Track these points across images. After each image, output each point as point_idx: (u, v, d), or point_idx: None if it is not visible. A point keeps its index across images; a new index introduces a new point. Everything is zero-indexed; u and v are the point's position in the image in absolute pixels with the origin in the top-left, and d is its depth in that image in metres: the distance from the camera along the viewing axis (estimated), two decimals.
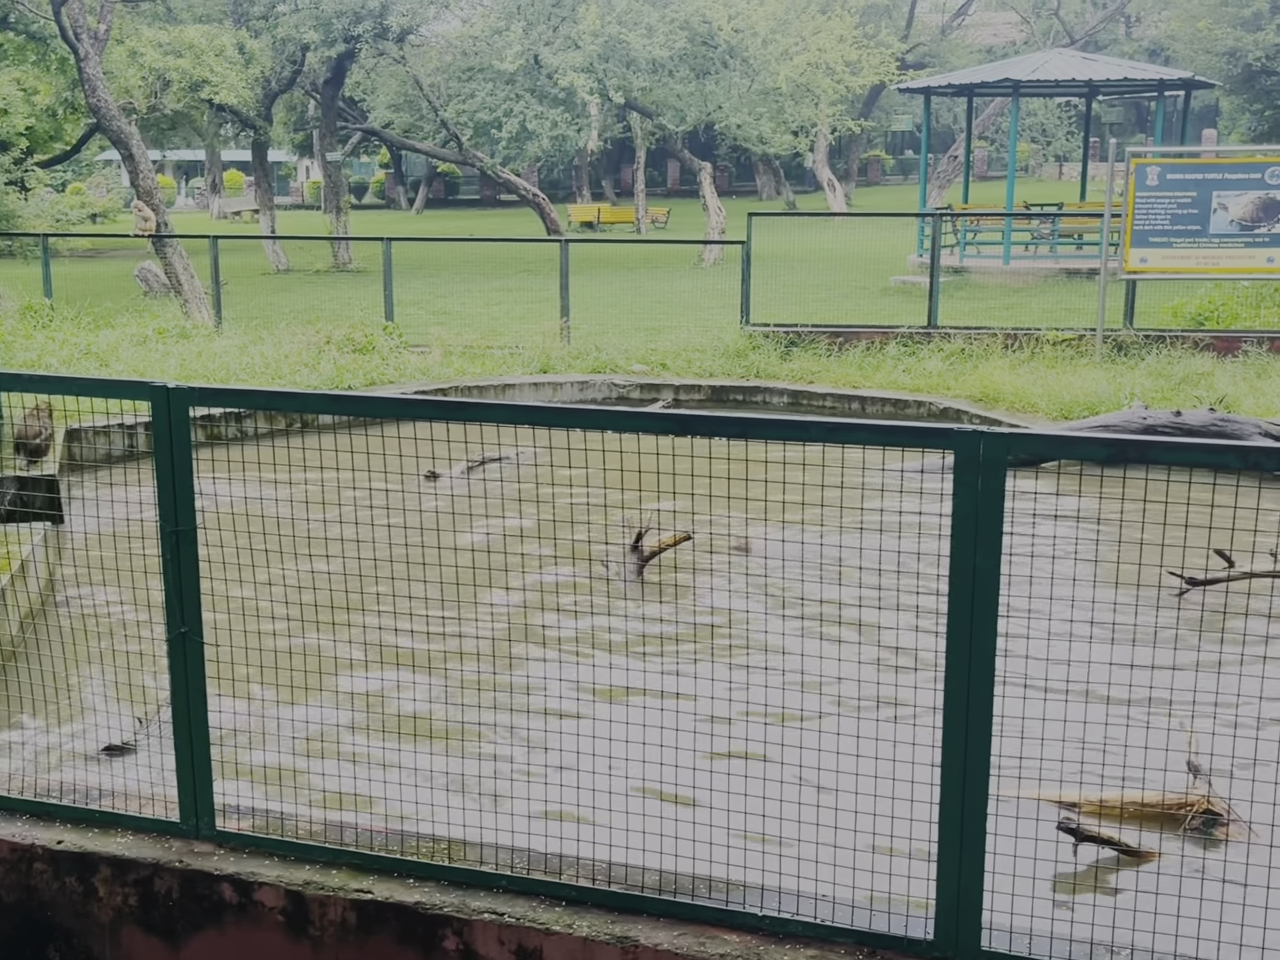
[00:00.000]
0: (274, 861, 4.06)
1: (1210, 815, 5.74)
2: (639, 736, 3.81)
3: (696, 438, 3.50)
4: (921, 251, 25.25)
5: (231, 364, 14.65)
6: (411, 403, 3.69)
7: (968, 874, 3.47)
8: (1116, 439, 3.11)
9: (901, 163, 66.92)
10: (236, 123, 36.60)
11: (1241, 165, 15.01)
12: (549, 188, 53.35)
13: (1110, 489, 3.16)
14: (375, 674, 4.35)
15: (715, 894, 3.76)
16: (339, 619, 4.00)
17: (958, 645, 3.35)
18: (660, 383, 15.38)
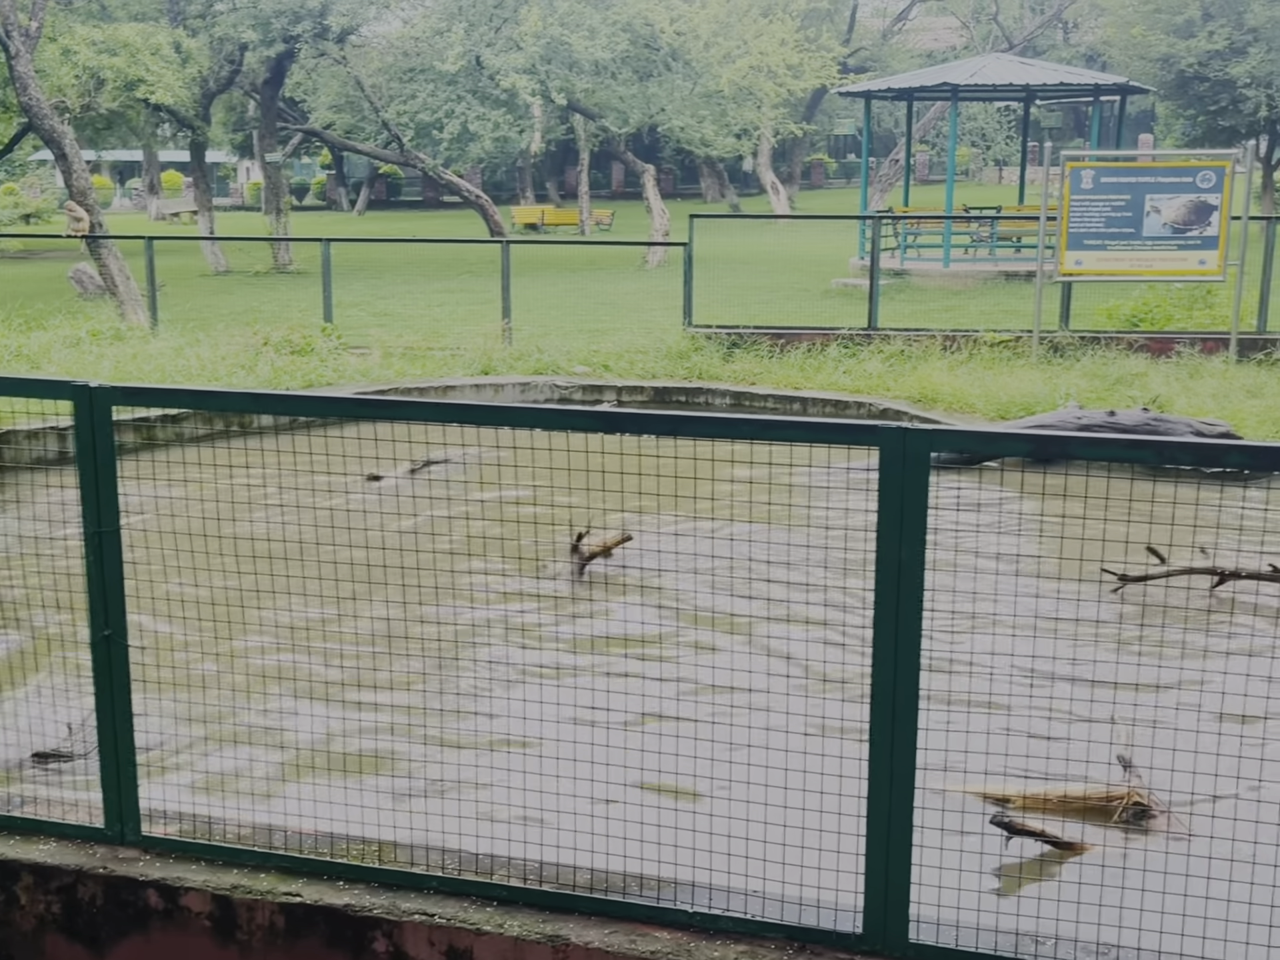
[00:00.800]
0: (201, 866, 4.01)
1: (1139, 807, 5.83)
2: (570, 736, 3.81)
3: (625, 435, 3.50)
4: (863, 254, 25.43)
5: (167, 366, 14.47)
6: (337, 401, 3.66)
7: (895, 868, 3.49)
8: (1037, 435, 3.15)
9: (844, 166, 67.37)
10: (174, 123, 36.17)
11: (1173, 169, 15.24)
12: (492, 189, 53.19)
13: (1052, 487, 3.20)
14: (304, 675, 4.31)
15: (646, 891, 3.76)
16: (266, 621, 3.96)
17: (884, 637, 3.37)
18: (603, 384, 15.37)
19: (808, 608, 3.60)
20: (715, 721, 3.71)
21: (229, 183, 69.12)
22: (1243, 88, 29.30)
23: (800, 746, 3.64)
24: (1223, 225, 14.84)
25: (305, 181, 65.85)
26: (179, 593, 4.10)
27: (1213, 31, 29.64)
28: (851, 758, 3.50)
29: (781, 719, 3.62)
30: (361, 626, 4.58)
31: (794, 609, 3.64)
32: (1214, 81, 29.80)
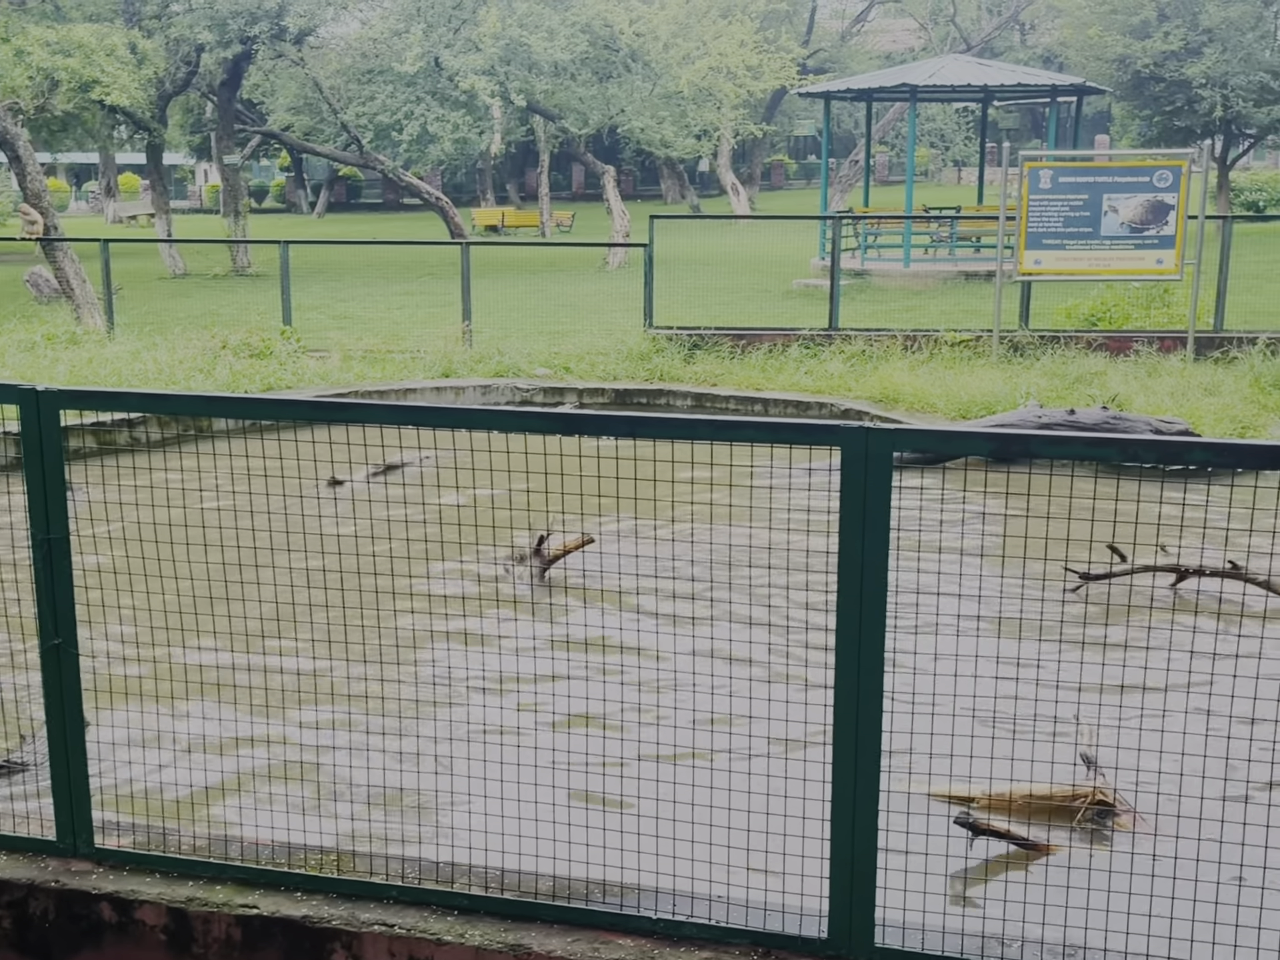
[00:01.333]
0: (155, 879, 3.93)
1: (1103, 806, 5.84)
2: (531, 742, 3.76)
3: (584, 437, 3.45)
4: (823, 254, 25.49)
5: (124, 370, 14.30)
6: (291, 404, 3.59)
7: (860, 872, 3.47)
8: (998, 433, 3.12)
9: (804, 167, 67.59)
10: (130, 125, 35.78)
11: (1131, 169, 15.34)
12: (453, 191, 52.97)
13: (1015, 487, 3.18)
14: (260, 683, 4.24)
15: (609, 898, 3.71)
16: (220, 629, 3.89)
17: (847, 639, 3.34)
18: (564, 386, 15.32)
19: (770, 610, 3.56)
20: (676, 726, 3.67)
21: (187, 185, 68.54)
22: (1198, 88, 29.58)
23: (763, 750, 3.60)
24: (1179, 224, 14.96)
25: (264, 184, 65.39)
26: (130, 600, 4.02)
27: (1168, 32, 29.91)
28: (815, 760, 3.47)
29: (744, 723, 3.59)
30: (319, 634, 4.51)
31: (756, 611, 3.60)
32: (1169, 82, 30.07)
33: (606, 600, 6.51)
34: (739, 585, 3.65)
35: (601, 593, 4.84)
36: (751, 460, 3.62)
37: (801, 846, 3.53)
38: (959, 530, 3.88)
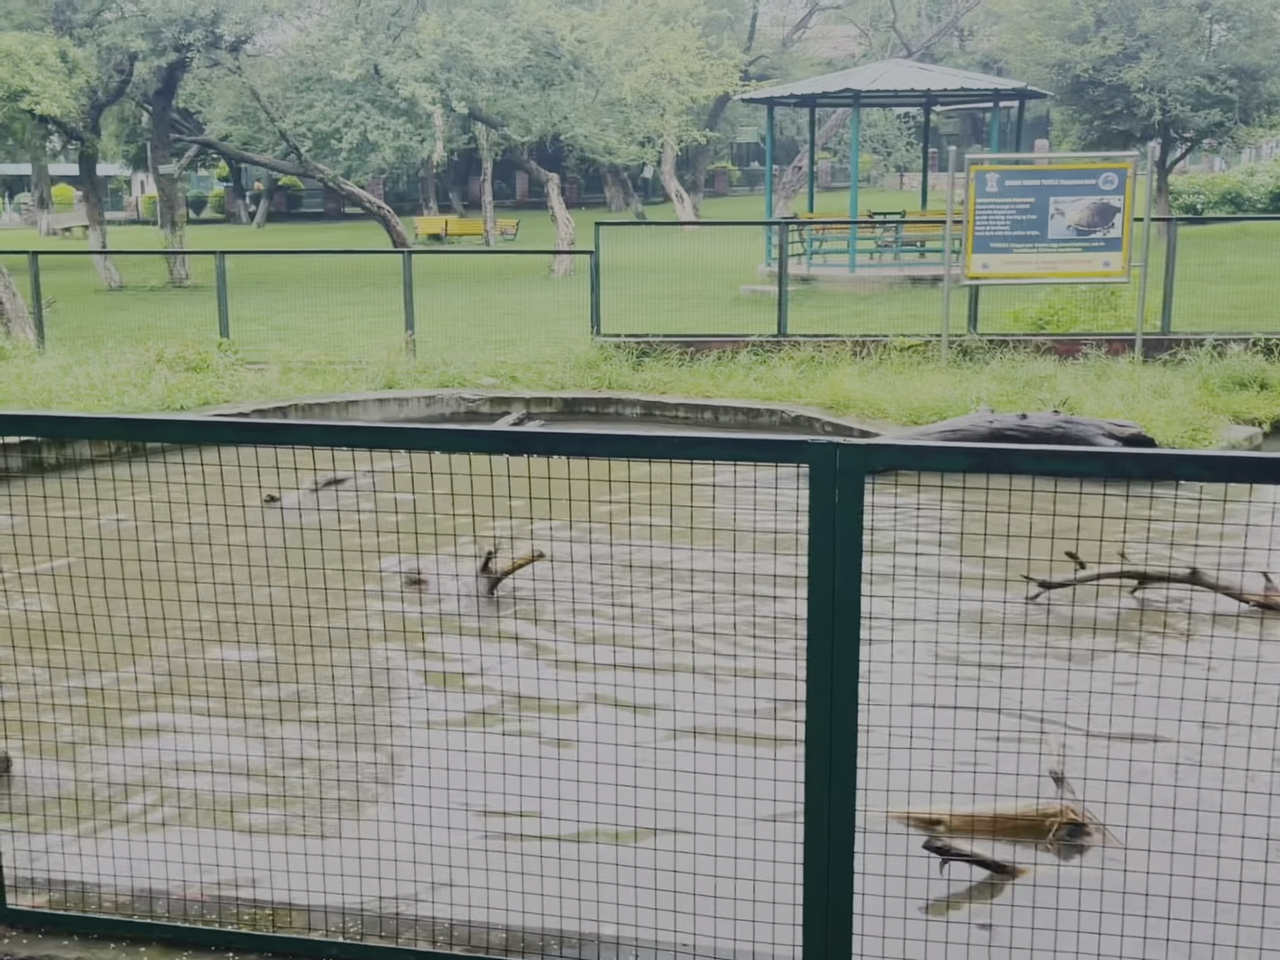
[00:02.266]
0: (73, 942, 3.63)
1: (1074, 825, 5.66)
2: (480, 781, 3.50)
3: (533, 456, 3.21)
4: (770, 261, 25.38)
5: (54, 386, 13.86)
6: (211, 425, 3.31)
7: (835, 916, 3.23)
8: (980, 448, 2.91)
9: (747, 174, 67.65)
10: (63, 135, 35.08)
11: (1077, 171, 15.30)
12: (395, 200, 52.47)
13: (970, 496, 2.97)
14: (186, 719, 3.95)
15: (568, 952, 3.46)
16: (146, 662, 3.60)
17: (818, 669, 3.11)
18: (511, 396, 15.04)
19: (735, 628, 3.32)
20: (637, 765, 3.42)
21: (123, 196, 67.48)
22: (1136, 92, 29.77)
23: (730, 788, 3.37)
24: (1126, 227, 14.93)
25: (203, 194, 64.49)
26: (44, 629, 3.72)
27: (1106, 37, 30.08)
28: (786, 800, 3.23)
29: (710, 757, 3.35)
30: (258, 657, 4.22)
31: (721, 628, 3.36)
32: (1108, 86, 30.24)
33: (559, 618, 6.25)
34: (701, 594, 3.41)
35: (554, 614, 4.59)
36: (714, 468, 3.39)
37: (772, 892, 3.30)
38: (912, 534, 3.69)
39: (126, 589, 3.58)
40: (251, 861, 3.65)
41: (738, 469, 3.10)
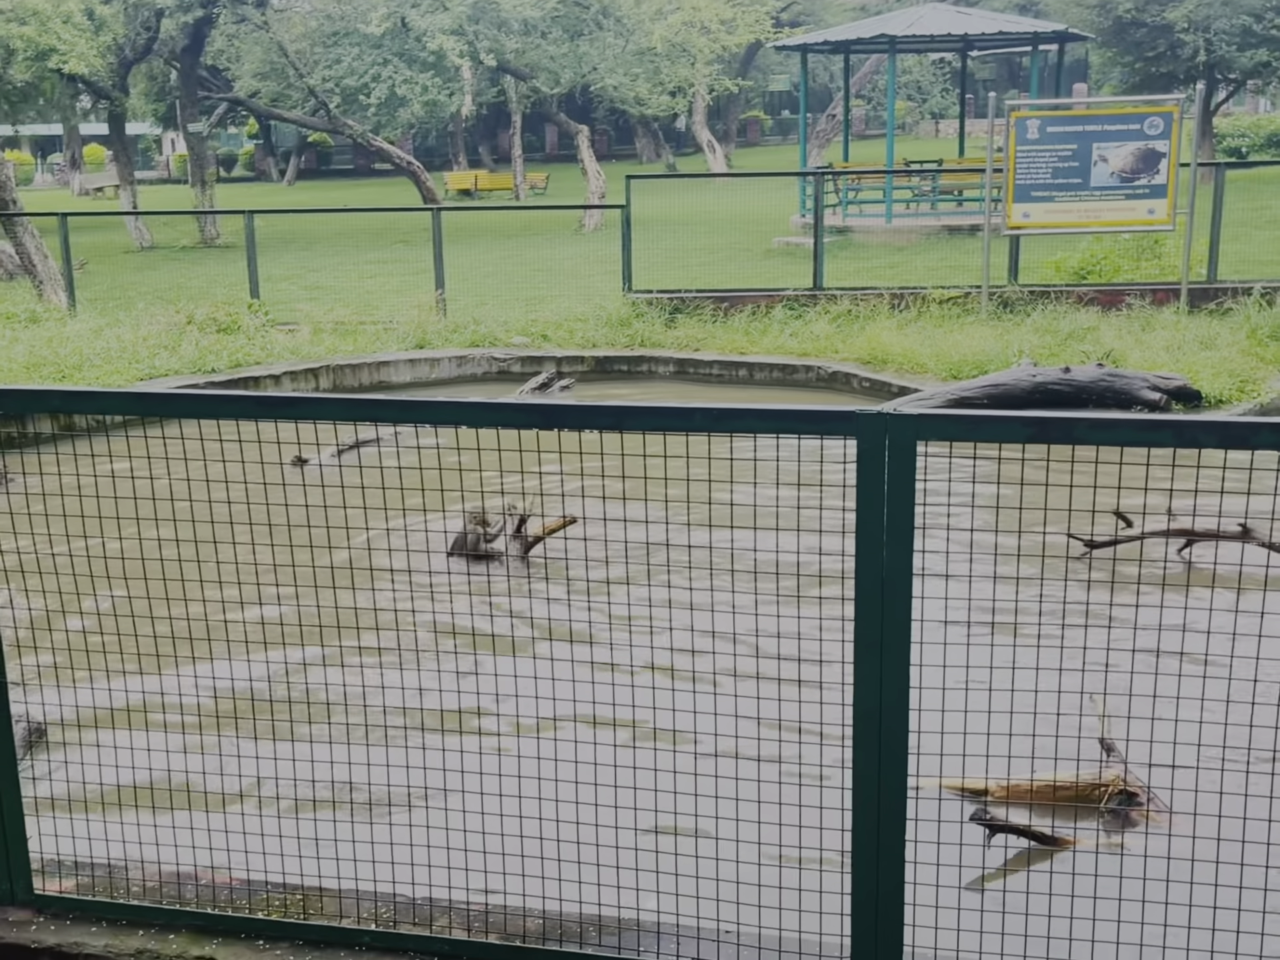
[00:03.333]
0: (102, 928, 3.54)
1: (1125, 794, 5.50)
2: (513, 768, 3.38)
3: (564, 431, 3.06)
4: (804, 212, 25.00)
5: (85, 349, 13.81)
6: (233, 400, 3.18)
7: (885, 904, 3.10)
8: (1039, 417, 2.73)
9: (780, 123, 66.79)
10: (92, 94, 34.94)
11: (1120, 116, 14.91)
12: (424, 155, 52.15)
13: (1009, 451, 2.79)
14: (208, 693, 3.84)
15: (607, 939, 3.34)
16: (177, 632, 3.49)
17: (867, 654, 2.96)
18: (542, 355, 14.88)
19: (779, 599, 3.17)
20: (677, 750, 3.29)
21: (153, 156, 67.42)
22: (1180, 32, 29.04)
23: (775, 774, 3.23)
24: (1171, 173, 14.55)
25: (233, 152, 64.33)
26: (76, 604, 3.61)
27: None
28: (834, 786, 3.09)
29: (753, 743, 3.21)
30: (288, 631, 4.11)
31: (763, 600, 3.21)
32: (1151, 27, 29.51)
33: (594, 586, 6.12)
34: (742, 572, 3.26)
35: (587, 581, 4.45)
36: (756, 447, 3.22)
37: (820, 879, 3.16)
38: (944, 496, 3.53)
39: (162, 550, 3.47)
40: (280, 847, 3.55)
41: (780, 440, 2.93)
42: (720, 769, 3.32)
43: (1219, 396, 11.59)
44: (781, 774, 3.22)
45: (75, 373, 12.86)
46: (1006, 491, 3.57)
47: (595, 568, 6.87)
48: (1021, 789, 5.32)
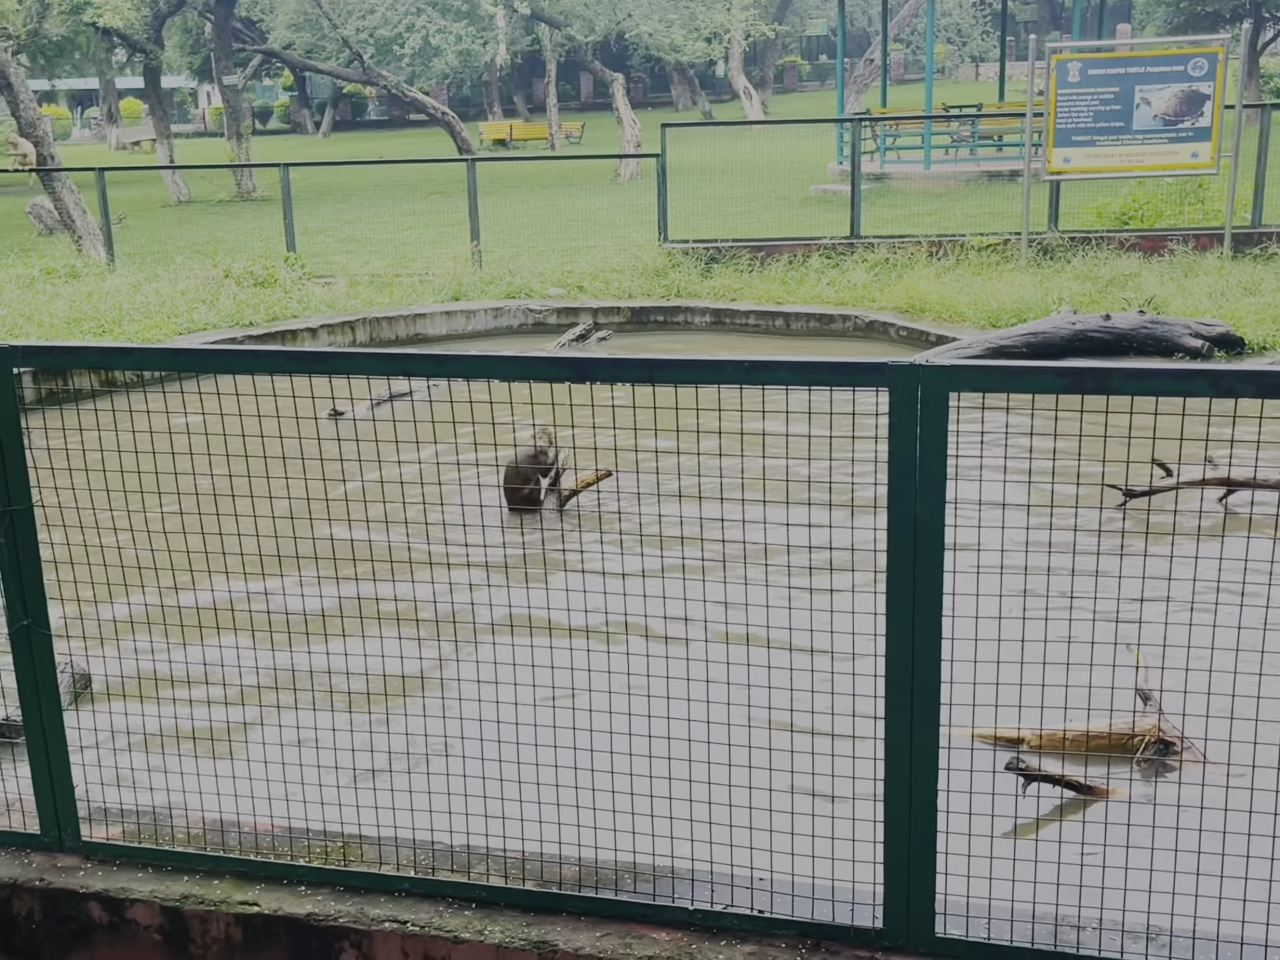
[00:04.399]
0: (148, 874, 3.62)
1: (1162, 743, 5.49)
2: (549, 717, 3.41)
3: (596, 384, 3.06)
4: (841, 159, 24.74)
5: (124, 304, 13.90)
6: (268, 355, 3.20)
7: (917, 855, 3.12)
8: (1073, 368, 2.71)
9: (817, 68, 65.96)
10: (127, 47, 34.94)
11: (1164, 58, 14.62)
12: (459, 105, 51.90)
13: (1043, 401, 2.76)
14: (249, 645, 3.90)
15: (642, 887, 3.38)
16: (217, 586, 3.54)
17: (899, 605, 2.96)
18: (578, 306, 14.85)
19: (811, 553, 3.17)
20: (709, 701, 3.31)
21: (189, 109, 67.43)
22: None
23: (807, 723, 3.25)
24: (1215, 115, 14.28)
25: (268, 104, 64.25)
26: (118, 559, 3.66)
27: None
28: (866, 736, 3.11)
29: (785, 694, 3.23)
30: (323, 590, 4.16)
31: (796, 556, 3.22)
32: None
33: (629, 539, 6.14)
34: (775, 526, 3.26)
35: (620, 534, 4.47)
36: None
37: (852, 828, 3.19)
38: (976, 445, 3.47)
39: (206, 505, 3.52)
40: (320, 795, 3.61)
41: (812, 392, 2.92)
42: (754, 719, 3.34)
43: (1262, 343, 11.43)
44: (814, 724, 3.24)
45: (115, 327, 12.96)
46: (1043, 442, 3.55)
47: (628, 519, 6.88)
48: (1056, 738, 5.32)
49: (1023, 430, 3.85)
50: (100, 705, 3.90)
